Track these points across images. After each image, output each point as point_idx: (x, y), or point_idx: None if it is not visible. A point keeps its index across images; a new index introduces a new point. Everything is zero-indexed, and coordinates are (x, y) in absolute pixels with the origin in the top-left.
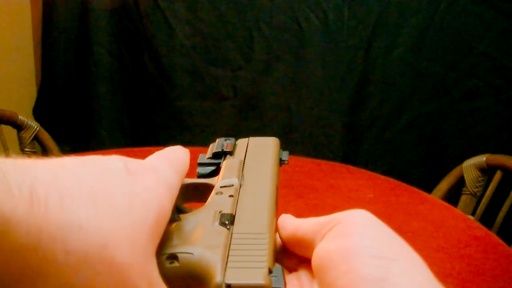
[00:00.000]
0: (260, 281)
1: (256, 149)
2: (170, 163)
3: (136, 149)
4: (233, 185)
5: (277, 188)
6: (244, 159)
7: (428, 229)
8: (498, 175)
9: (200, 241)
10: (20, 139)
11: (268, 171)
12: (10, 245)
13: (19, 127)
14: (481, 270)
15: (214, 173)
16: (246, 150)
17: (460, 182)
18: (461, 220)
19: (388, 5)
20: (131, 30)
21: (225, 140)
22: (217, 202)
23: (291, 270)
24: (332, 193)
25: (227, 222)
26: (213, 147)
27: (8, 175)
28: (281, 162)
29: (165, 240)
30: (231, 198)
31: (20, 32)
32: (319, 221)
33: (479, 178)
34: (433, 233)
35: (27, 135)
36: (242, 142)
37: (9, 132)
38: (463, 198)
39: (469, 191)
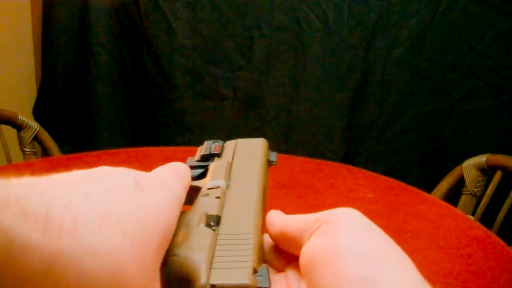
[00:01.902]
0: (245, 281)
1: (243, 150)
2: (177, 175)
3: (136, 149)
4: (219, 187)
5: (265, 189)
6: (232, 160)
7: (428, 229)
8: (498, 175)
9: (186, 243)
10: (20, 139)
11: (256, 172)
12: (24, 272)
13: (19, 127)
14: (481, 270)
15: (203, 175)
16: (234, 152)
17: (460, 182)
18: (461, 220)
19: (388, 5)
20: (131, 30)
21: (213, 142)
22: (203, 204)
23: (280, 270)
24: (332, 193)
25: (212, 223)
26: (201, 150)
27: (25, 200)
28: (269, 163)
29: None
30: (218, 199)
31: (20, 32)
32: (307, 219)
33: (479, 178)
34: (433, 233)
35: (27, 135)
36: (230, 144)
37: (9, 132)
38: (463, 198)
39: (469, 191)
